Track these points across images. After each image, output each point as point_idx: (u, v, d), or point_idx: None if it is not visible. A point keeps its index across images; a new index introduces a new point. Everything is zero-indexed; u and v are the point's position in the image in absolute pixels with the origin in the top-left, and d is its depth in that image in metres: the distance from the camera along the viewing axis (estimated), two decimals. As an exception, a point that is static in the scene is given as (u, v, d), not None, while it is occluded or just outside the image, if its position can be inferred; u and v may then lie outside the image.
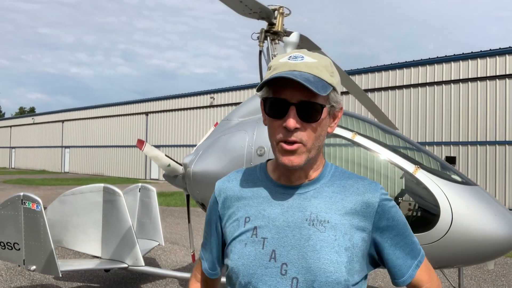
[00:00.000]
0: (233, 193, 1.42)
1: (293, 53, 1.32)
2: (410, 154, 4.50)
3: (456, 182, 4.17)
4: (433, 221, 3.90)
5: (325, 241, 1.27)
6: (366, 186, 1.35)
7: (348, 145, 4.64)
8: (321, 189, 1.35)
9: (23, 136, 48.50)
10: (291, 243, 1.28)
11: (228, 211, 1.41)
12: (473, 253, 3.93)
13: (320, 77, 1.27)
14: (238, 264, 1.31)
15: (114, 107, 37.04)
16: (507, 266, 8.02)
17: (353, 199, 1.33)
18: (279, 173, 1.39)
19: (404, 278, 1.36)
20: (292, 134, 1.26)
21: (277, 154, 1.31)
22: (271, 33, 5.29)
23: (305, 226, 1.29)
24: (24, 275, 6.82)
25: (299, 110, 1.26)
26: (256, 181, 1.42)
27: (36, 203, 4.94)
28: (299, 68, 1.26)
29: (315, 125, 1.29)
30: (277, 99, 1.28)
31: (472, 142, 17.44)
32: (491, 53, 17.06)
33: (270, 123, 1.32)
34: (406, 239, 1.37)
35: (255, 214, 1.35)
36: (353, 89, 7.16)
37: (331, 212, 1.30)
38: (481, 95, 17.26)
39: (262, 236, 1.31)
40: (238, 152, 4.67)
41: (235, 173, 1.48)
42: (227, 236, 1.39)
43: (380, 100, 19.91)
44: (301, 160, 1.28)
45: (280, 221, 1.31)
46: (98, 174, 37.85)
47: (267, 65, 5.48)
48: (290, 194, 1.35)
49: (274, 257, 1.28)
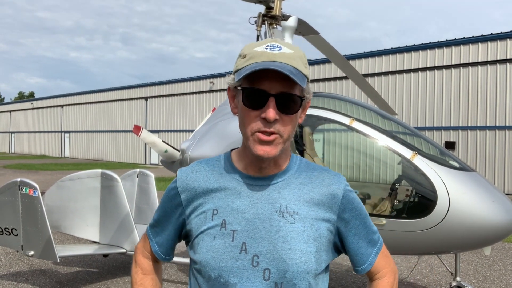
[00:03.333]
0: (198, 184, 1.37)
1: (269, 42, 1.30)
2: (408, 140, 4.49)
3: (453, 168, 4.16)
4: (430, 207, 3.90)
5: (295, 232, 1.29)
6: (331, 178, 1.39)
7: (346, 131, 4.63)
8: (289, 181, 1.36)
9: (23, 121, 48.45)
10: (261, 235, 1.29)
11: (193, 203, 1.37)
12: (470, 239, 3.94)
13: (298, 68, 1.27)
14: (207, 257, 1.30)
15: (113, 92, 36.92)
16: (504, 251, 8.06)
17: (319, 190, 1.36)
18: (247, 163, 1.37)
19: (365, 265, 1.43)
20: (271, 125, 1.26)
21: (251, 144, 1.28)
22: (269, 17, 5.24)
23: (275, 217, 1.30)
24: (23, 260, 6.86)
25: (278, 102, 1.26)
26: (222, 172, 1.38)
27: (33, 188, 4.93)
28: (278, 58, 1.25)
29: (292, 116, 1.29)
30: (256, 90, 1.26)
31: (471, 127, 17.41)
32: (492, 37, 16.92)
33: (245, 113, 1.29)
34: (367, 229, 1.43)
35: (223, 207, 1.33)
36: (352, 75, 7.11)
37: (299, 203, 1.33)
38: (482, 80, 17.17)
39: (231, 229, 1.30)
40: (235, 137, 4.65)
41: (198, 164, 1.44)
42: (193, 229, 1.36)
43: (380, 85, 19.83)
44: (276, 151, 1.28)
45: (249, 213, 1.31)
46: (98, 159, 37.90)
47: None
48: (259, 186, 1.35)
49: (244, 249, 1.28)
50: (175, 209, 1.41)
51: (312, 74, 22.69)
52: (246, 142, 1.31)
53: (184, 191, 1.39)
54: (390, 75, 19.83)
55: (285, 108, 1.27)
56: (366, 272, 1.45)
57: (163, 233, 1.48)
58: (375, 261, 1.44)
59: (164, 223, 1.46)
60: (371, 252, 1.43)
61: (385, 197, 4.43)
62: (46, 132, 44.67)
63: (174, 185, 1.42)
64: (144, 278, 1.51)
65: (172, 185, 1.43)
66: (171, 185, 1.44)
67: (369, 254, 1.43)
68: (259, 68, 1.22)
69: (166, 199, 1.45)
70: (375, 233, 1.45)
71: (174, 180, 1.43)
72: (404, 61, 19.35)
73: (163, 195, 1.47)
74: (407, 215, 4.11)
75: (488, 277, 6.45)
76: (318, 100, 5.06)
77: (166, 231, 1.46)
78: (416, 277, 6.36)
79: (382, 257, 1.46)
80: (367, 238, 1.43)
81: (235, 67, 1.34)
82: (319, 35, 5.92)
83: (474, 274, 6.59)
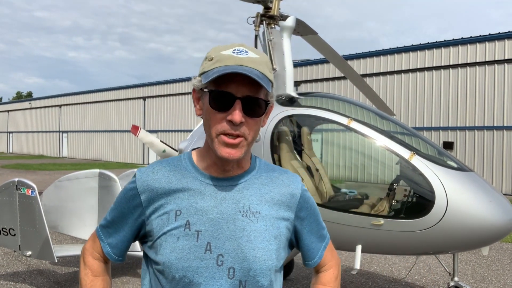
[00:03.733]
0: (160, 185, 1.37)
1: (236, 47, 1.34)
2: (405, 140, 4.49)
3: (451, 168, 4.16)
4: (428, 207, 3.90)
5: (258, 231, 1.35)
6: (290, 178, 1.47)
7: (344, 131, 4.62)
8: (251, 181, 1.41)
9: (21, 121, 48.36)
10: (226, 235, 1.32)
11: (154, 203, 1.36)
12: (467, 239, 3.94)
13: (264, 73, 1.30)
14: (171, 258, 1.30)
15: (111, 92, 36.87)
16: (502, 251, 8.07)
17: (279, 190, 1.43)
18: (209, 163, 1.40)
19: (315, 259, 1.54)
20: (237, 127, 1.29)
21: (215, 145, 1.31)
22: (267, 17, 5.23)
23: (238, 217, 1.35)
24: (21, 260, 6.84)
25: (244, 105, 1.29)
26: (184, 173, 1.39)
27: (31, 188, 4.92)
28: (245, 63, 1.29)
29: (257, 120, 1.34)
30: (223, 92, 1.29)
31: (470, 127, 17.43)
32: (490, 37, 16.95)
33: (211, 115, 1.32)
34: (319, 225, 1.53)
35: (187, 207, 1.34)
36: (350, 75, 7.11)
37: (261, 203, 1.38)
38: (480, 80, 17.19)
39: (195, 229, 1.32)
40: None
41: (158, 164, 1.43)
42: (154, 230, 1.35)
43: (379, 85, 19.84)
44: (240, 154, 1.32)
45: (214, 214, 1.34)
46: (96, 159, 37.84)
47: (263, 50, 5.42)
48: (222, 186, 1.38)
49: (209, 249, 1.31)
50: (134, 210, 1.39)
51: (310, 74, 22.69)
52: (211, 144, 1.34)
53: (144, 191, 1.37)
54: (389, 75, 19.84)
55: (251, 111, 1.31)
56: (316, 265, 1.55)
57: (117, 234, 1.45)
58: (323, 255, 1.55)
59: (120, 224, 1.43)
60: (321, 246, 1.54)
61: (383, 197, 4.43)
62: (44, 132, 44.59)
63: (133, 186, 1.40)
64: (94, 280, 1.48)
65: (130, 185, 1.41)
66: (129, 185, 1.41)
67: (318, 248, 1.53)
68: (228, 71, 1.25)
69: (123, 199, 1.42)
70: (324, 229, 1.55)
71: (133, 181, 1.40)
72: (403, 61, 19.37)
73: (119, 196, 1.44)
74: (405, 215, 4.11)
75: (486, 277, 6.46)
76: (316, 100, 5.06)
77: (121, 232, 1.44)
78: (414, 277, 6.36)
79: (329, 250, 1.57)
80: (318, 234, 1.53)
81: (201, 69, 1.36)
82: (317, 35, 5.92)
83: (472, 274, 6.59)
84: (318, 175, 4.94)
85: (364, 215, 4.10)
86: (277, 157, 4.51)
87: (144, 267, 1.45)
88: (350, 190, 4.88)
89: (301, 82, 22.81)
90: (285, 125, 4.79)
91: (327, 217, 4.17)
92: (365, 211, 4.25)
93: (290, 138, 4.86)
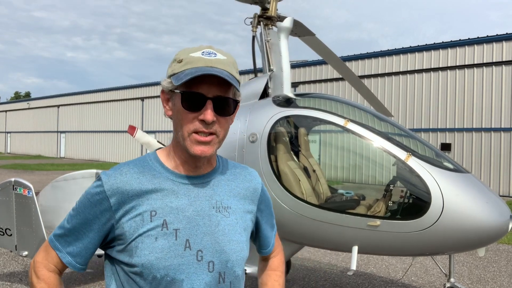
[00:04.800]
0: (130, 187, 1.36)
1: (204, 49, 1.39)
2: (402, 141, 4.49)
3: (448, 170, 4.17)
4: (424, 208, 3.91)
5: (230, 225, 1.44)
6: (251, 174, 1.60)
7: (341, 132, 4.63)
8: (219, 178, 1.49)
9: (19, 121, 48.26)
10: (203, 231, 1.39)
11: (125, 206, 1.35)
12: (464, 240, 3.95)
13: (232, 74, 1.37)
14: (151, 258, 1.32)
15: (110, 92, 36.82)
16: (499, 253, 8.08)
17: (244, 185, 1.54)
18: (179, 163, 1.44)
19: (270, 247, 1.69)
20: (209, 126, 1.35)
21: (188, 144, 1.37)
22: (264, 18, 5.24)
23: (213, 213, 1.42)
24: (18, 261, 6.83)
25: (215, 104, 1.35)
26: (154, 173, 1.41)
27: (28, 188, 4.91)
28: (215, 64, 1.34)
29: (228, 118, 1.41)
30: (194, 93, 1.34)
31: (467, 129, 17.46)
32: (487, 39, 16.98)
33: (183, 115, 1.36)
34: (272, 216, 1.68)
35: (162, 207, 1.37)
36: (348, 76, 7.12)
37: (230, 198, 1.48)
38: (478, 82, 17.22)
39: (173, 228, 1.35)
40: (230, 138, 4.64)
41: (125, 166, 1.42)
42: (127, 233, 1.34)
43: (377, 87, 19.86)
44: (212, 151, 1.39)
45: (189, 211, 1.39)
46: (94, 159, 37.79)
47: (260, 51, 5.43)
48: (194, 184, 1.43)
49: (188, 246, 1.36)
50: (101, 215, 1.36)
51: (309, 75, 22.71)
52: (182, 143, 1.38)
53: (114, 194, 1.35)
54: (387, 76, 19.86)
55: (221, 111, 1.37)
56: (270, 252, 1.71)
57: (79, 242, 1.40)
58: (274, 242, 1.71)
59: (83, 231, 1.39)
60: (273, 235, 1.69)
61: (379, 198, 4.43)
62: (42, 132, 44.50)
63: (99, 190, 1.37)
64: None
65: (95, 189, 1.38)
66: (94, 189, 1.38)
67: (272, 237, 1.69)
68: (200, 73, 1.31)
69: (87, 205, 1.38)
70: (274, 218, 1.71)
71: (99, 185, 1.37)
72: (401, 62, 19.39)
73: (81, 202, 1.40)
74: (401, 216, 4.11)
75: (482, 278, 6.47)
76: (313, 101, 5.06)
77: (85, 239, 1.39)
78: (410, 278, 6.37)
79: (277, 238, 1.73)
80: (271, 223, 1.69)
81: (170, 71, 1.40)
82: (315, 36, 5.92)
83: (468, 275, 6.60)
84: (315, 176, 4.95)
85: (361, 216, 4.11)
86: (273, 158, 4.52)
87: (108, 273, 1.43)
88: (346, 191, 4.89)
89: (299, 83, 22.82)
90: (282, 126, 4.79)
91: (323, 218, 4.17)
92: (361, 212, 4.25)
93: (287, 139, 4.86)
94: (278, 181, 4.33)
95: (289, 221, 4.32)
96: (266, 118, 4.54)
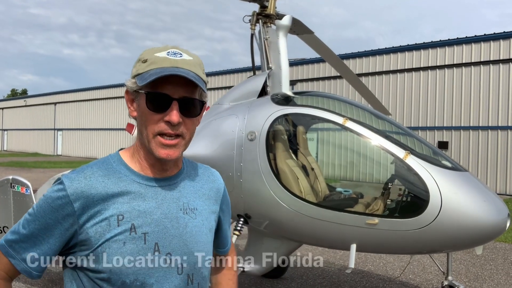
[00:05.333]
0: (95, 191, 1.31)
1: (170, 49, 1.36)
2: (400, 139, 4.50)
3: (446, 168, 4.17)
4: (423, 206, 3.91)
5: (198, 226, 1.44)
6: (214, 174, 1.60)
7: (339, 130, 4.63)
8: (185, 179, 1.48)
9: (15, 118, 48.09)
10: (171, 233, 1.37)
11: (90, 210, 1.30)
12: (461, 238, 3.96)
13: (198, 74, 1.34)
14: (120, 264, 1.29)
15: (107, 90, 36.71)
16: (496, 251, 8.11)
17: (208, 186, 1.54)
18: (145, 165, 1.40)
19: (228, 245, 1.71)
20: (175, 128, 1.33)
21: (153, 147, 1.34)
22: (263, 16, 5.22)
23: (180, 215, 1.41)
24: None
25: (181, 106, 1.33)
26: (120, 176, 1.37)
27: (25, 186, 4.91)
28: (180, 65, 1.32)
29: (194, 119, 1.39)
30: (159, 94, 1.31)
31: (465, 127, 17.49)
32: (485, 37, 17.01)
33: (148, 117, 1.33)
34: (230, 215, 1.70)
35: (129, 211, 1.33)
36: (346, 74, 7.12)
37: (196, 199, 1.47)
38: (475, 80, 17.25)
39: (142, 232, 1.33)
40: (228, 136, 4.64)
41: (88, 169, 1.37)
42: (92, 238, 1.30)
43: (374, 85, 19.87)
44: (178, 153, 1.37)
45: (157, 214, 1.36)
46: (91, 156, 37.69)
47: (259, 49, 5.42)
48: (161, 187, 1.41)
49: (157, 249, 1.34)
50: (63, 220, 1.30)
51: (307, 73, 22.70)
52: (148, 145, 1.35)
53: (78, 199, 1.29)
54: (384, 74, 19.87)
55: (188, 112, 1.35)
56: (228, 251, 1.72)
57: (37, 248, 1.32)
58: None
59: (42, 237, 1.32)
60: (230, 233, 1.72)
61: (377, 197, 4.44)
62: (38, 129, 44.36)
63: (62, 194, 1.30)
64: None
65: (57, 194, 1.31)
66: (56, 194, 1.31)
67: (230, 236, 1.72)
68: (166, 73, 1.28)
69: (47, 210, 1.31)
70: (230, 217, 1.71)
71: (61, 189, 1.31)
72: (398, 61, 19.40)
73: (40, 206, 1.33)
74: (399, 214, 4.12)
75: (479, 276, 6.49)
76: (312, 100, 5.06)
77: (45, 245, 1.32)
78: (408, 276, 6.38)
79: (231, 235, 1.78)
80: (229, 223, 1.70)
81: (135, 71, 1.36)
82: (314, 35, 5.91)
83: (466, 273, 6.63)
84: (314, 174, 4.95)
85: (359, 214, 4.11)
86: (272, 156, 4.51)
87: (68, 278, 1.38)
88: (345, 189, 4.89)
89: (297, 81, 22.81)
90: (281, 124, 4.79)
91: (322, 216, 4.17)
92: (359, 210, 4.25)
93: (286, 137, 4.86)
94: (276, 179, 4.32)
95: (288, 219, 4.32)
96: (264, 116, 4.53)
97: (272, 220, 4.45)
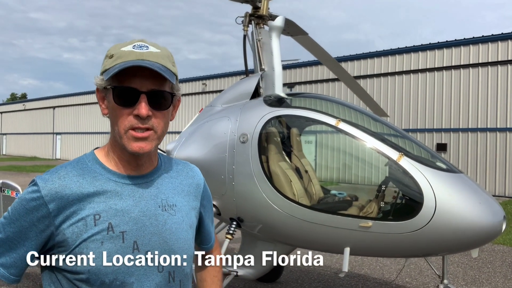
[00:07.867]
0: (70, 191, 1.29)
1: (136, 42, 1.34)
2: (394, 141, 4.45)
3: (440, 170, 4.12)
4: (417, 208, 3.85)
5: (177, 223, 1.41)
6: (193, 170, 1.58)
7: (332, 132, 4.58)
8: (163, 175, 1.46)
9: (14, 122, 48.07)
10: (150, 231, 1.35)
11: (65, 211, 1.28)
12: (456, 241, 3.90)
13: (166, 66, 1.32)
14: (98, 263, 1.27)
15: (105, 93, 36.72)
16: (493, 253, 8.05)
17: (187, 182, 1.52)
18: (120, 163, 1.39)
19: (212, 241, 1.70)
20: (145, 121, 1.31)
21: (125, 141, 1.32)
22: (256, 17, 5.18)
23: (159, 212, 1.38)
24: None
25: (150, 99, 1.31)
26: (95, 175, 1.35)
27: (16, 190, 4.85)
28: (146, 57, 1.30)
29: (165, 112, 1.37)
30: (127, 88, 1.30)
31: (463, 129, 17.45)
32: (484, 39, 16.98)
33: (117, 112, 1.32)
34: (212, 211, 1.69)
35: (106, 210, 1.31)
36: (342, 76, 7.08)
37: (175, 196, 1.45)
38: (473, 82, 17.22)
39: (120, 231, 1.31)
40: (221, 139, 4.59)
41: (62, 169, 1.34)
42: (69, 239, 1.28)
43: (373, 87, 19.83)
44: (151, 147, 1.34)
45: (135, 212, 1.34)
46: (90, 160, 37.68)
47: (252, 50, 5.37)
48: (138, 184, 1.39)
49: (137, 247, 1.32)
50: (38, 222, 1.28)
51: (304, 76, 22.68)
52: (120, 141, 1.34)
53: (53, 200, 1.28)
54: (383, 77, 19.84)
55: (157, 105, 1.33)
56: (212, 248, 1.71)
57: (13, 252, 1.30)
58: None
59: (17, 240, 1.29)
60: (213, 230, 1.71)
61: (371, 199, 4.38)
62: (37, 133, 44.34)
63: (36, 195, 1.28)
64: None
65: (31, 195, 1.29)
66: (30, 195, 1.29)
67: (213, 231, 1.71)
68: (129, 65, 1.27)
69: (22, 212, 1.29)
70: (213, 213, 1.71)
71: (34, 190, 1.29)
72: (397, 63, 19.38)
73: (15, 209, 1.31)
74: (393, 217, 4.06)
75: (477, 279, 6.43)
76: (305, 101, 5.01)
77: (21, 248, 1.30)
78: (404, 279, 6.32)
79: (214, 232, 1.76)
80: (212, 218, 1.70)
81: (102, 68, 1.35)
82: (308, 36, 5.86)
83: (463, 276, 6.56)
84: (307, 176, 4.89)
85: (352, 217, 4.05)
86: (265, 158, 4.46)
87: (47, 282, 1.36)
88: (339, 192, 4.83)
89: (295, 83, 22.78)
90: (274, 126, 4.73)
91: (315, 219, 4.11)
92: (353, 213, 4.20)
93: (279, 139, 4.80)
94: (269, 182, 4.27)
95: (281, 223, 4.26)
96: (257, 118, 4.48)
97: (264, 223, 4.39)
